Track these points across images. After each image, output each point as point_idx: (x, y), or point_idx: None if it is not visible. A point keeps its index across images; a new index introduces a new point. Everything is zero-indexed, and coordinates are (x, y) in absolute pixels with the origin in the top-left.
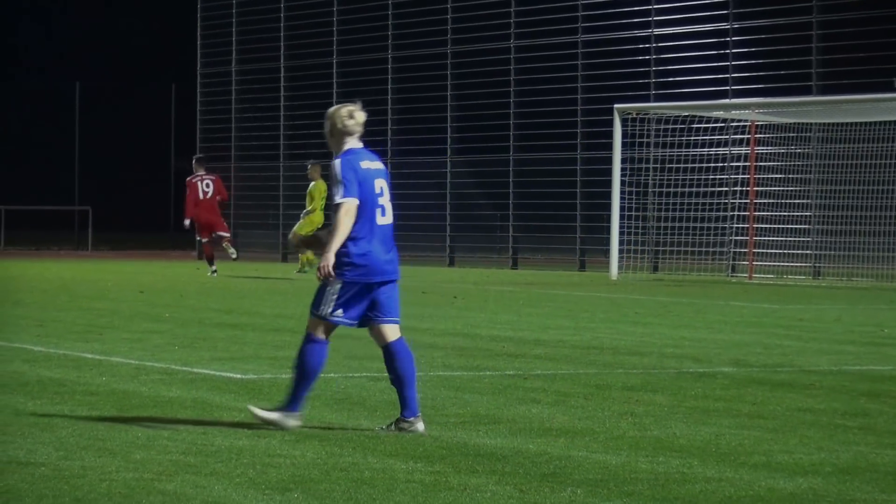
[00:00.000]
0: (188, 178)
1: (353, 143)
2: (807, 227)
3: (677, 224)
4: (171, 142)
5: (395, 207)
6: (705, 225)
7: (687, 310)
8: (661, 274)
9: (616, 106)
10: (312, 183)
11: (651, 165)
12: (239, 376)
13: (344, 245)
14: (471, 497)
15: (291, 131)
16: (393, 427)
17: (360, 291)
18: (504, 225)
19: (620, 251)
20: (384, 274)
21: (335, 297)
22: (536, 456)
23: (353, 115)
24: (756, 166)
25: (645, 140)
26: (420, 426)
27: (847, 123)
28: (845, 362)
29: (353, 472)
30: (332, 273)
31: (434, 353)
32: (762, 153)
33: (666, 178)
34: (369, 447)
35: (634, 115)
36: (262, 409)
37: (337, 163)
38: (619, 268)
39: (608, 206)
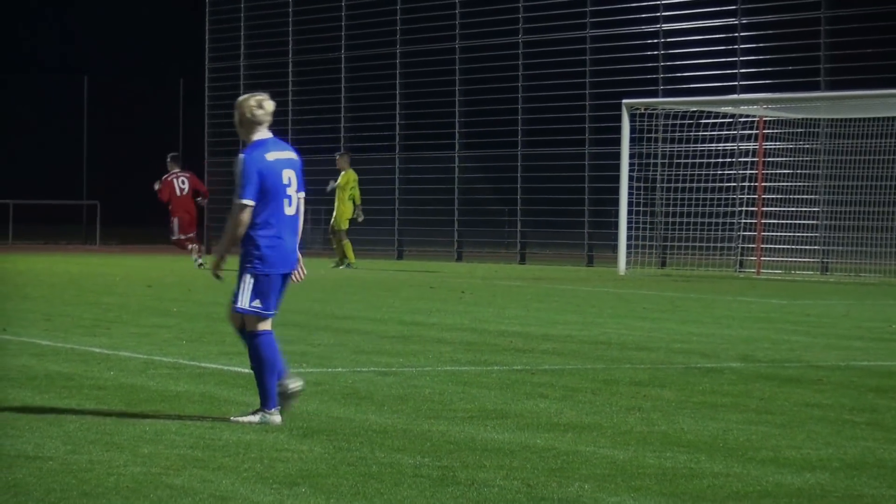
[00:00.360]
0: (164, 177)
1: (262, 132)
2: (815, 222)
3: (685, 219)
4: (179, 136)
5: (403, 202)
6: (713, 220)
7: (695, 305)
8: (668, 269)
9: (624, 101)
10: (342, 173)
11: (659, 160)
12: (247, 371)
13: (255, 238)
14: (478, 492)
15: (299, 126)
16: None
17: (274, 281)
18: (512, 220)
19: (628, 246)
20: (292, 264)
21: (251, 289)
22: (544, 451)
23: (262, 105)
24: (764, 161)
25: (653, 135)
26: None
27: (855, 119)
28: (853, 358)
29: (360, 466)
30: (219, 274)
31: (442, 347)
32: (770, 148)
33: (674, 173)
34: (377, 442)
35: (642, 111)
36: (243, 415)
37: (240, 159)
38: (627, 263)
39: (616, 202)
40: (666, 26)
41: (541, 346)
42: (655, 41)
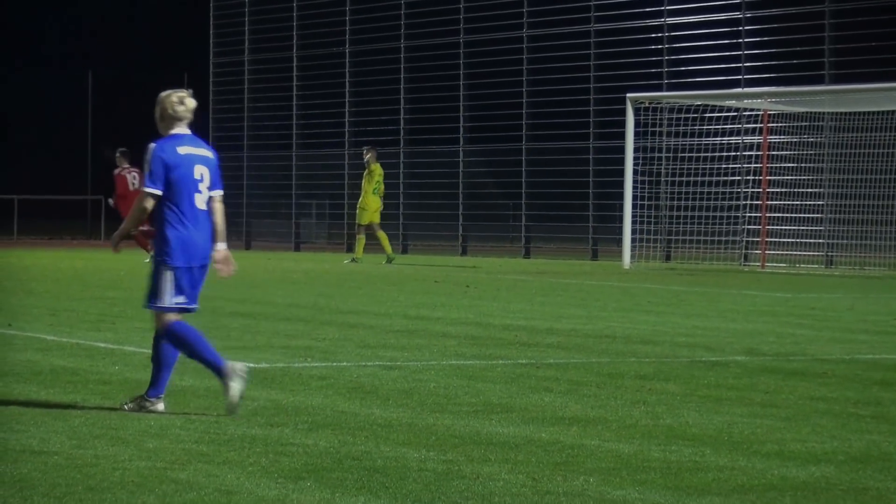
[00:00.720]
0: (115, 171)
1: (180, 128)
2: (819, 215)
3: (690, 213)
4: None
5: (407, 196)
6: (718, 214)
7: (699, 299)
8: (673, 263)
9: (629, 95)
10: (368, 167)
11: (664, 154)
12: (251, 365)
13: (166, 231)
14: (483, 485)
15: (304, 121)
16: (134, 404)
17: (190, 273)
18: (517, 214)
19: (633, 240)
20: (205, 257)
21: (171, 284)
22: (549, 444)
23: (183, 102)
24: (768, 155)
25: (657, 129)
26: (161, 406)
27: (860, 112)
28: (858, 351)
29: (365, 460)
30: (116, 247)
31: (447, 341)
32: (775, 142)
33: (678, 167)
34: (382, 436)
35: (647, 105)
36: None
37: (150, 149)
38: (632, 257)
39: (621, 196)
40: (670, 20)
41: (546, 340)
42: (660, 35)
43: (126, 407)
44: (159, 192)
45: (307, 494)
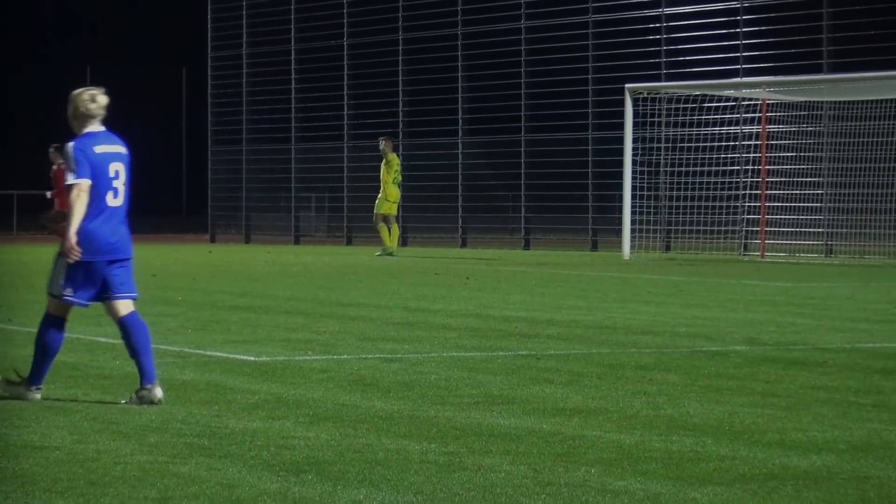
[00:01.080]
0: (54, 167)
1: (94, 126)
2: (819, 205)
3: (689, 203)
4: (182, 125)
5: (407, 188)
6: (717, 204)
7: (699, 289)
8: (673, 253)
9: (627, 86)
10: (385, 158)
11: (663, 145)
12: (252, 359)
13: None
14: (485, 477)
15: (302, 114)
16: (134, 397)
17: (89, 271)
18: (516, 205)
19: (632, 231)
20: (113, 253)
21: (63, 276)
22: (550, 436)
23: (95, 99)
24: (767, 145)
25: (656, 119)
26: (158, 392)
27: (858, 101)
28: (858, 340)
29: (367, 453)
30: (77, 249)
31: (447, 333)
32: (773, 131)
33: (677, 157)
34: (383, 428)
35: (645, 95)
36: (9, 380)
37: (69, 146)
38: (632, 247)
39: (620, 186)
40: (668, 10)
41: (546, 332)
42: (658, 25)
43: (123, 402)
44: (90, 181)
45: (309, 487)
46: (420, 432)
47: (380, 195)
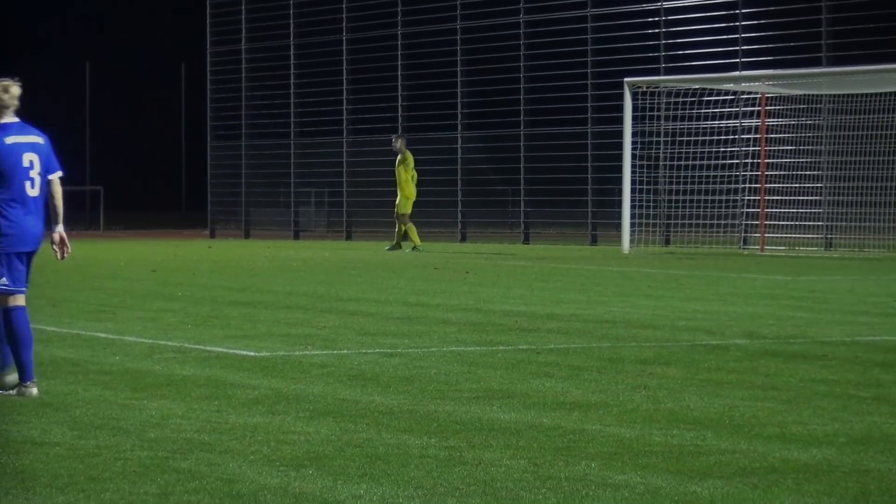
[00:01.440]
0: None
1: (8, 117)
2: (818, 198)
3: (689, 197)
4: (181, 120)
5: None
6: (717, 197)
7: (699, 282)
8: (672, 247)
9: (626, 80)
10: (400, 155)
11: (662, 139)
12: (252, 354)
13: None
14: (485, 471)
15: (301, 109)
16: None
17: (18, 259)
18: (515, 200)
19: (632, 225)
20: (35, 244)
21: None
22: (550, 430)
23: (7, 90)
24: (767, 138)
25: (656, 113)
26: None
27: (857, 94)
28: (858, 333)
29: (367, 447)
30: None
31: (447, 328)
32: (773, 125)
33: (677, 151)
34: (383, 423)
35: (645, 89)
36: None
37: None
38: (631, 241)
39: (619, 180)
40: (667, 4)
41: (546, 326)
42: (657, 19)
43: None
44: None
45: (309, 482)
46: (420, 427)
47: (400, 195)
